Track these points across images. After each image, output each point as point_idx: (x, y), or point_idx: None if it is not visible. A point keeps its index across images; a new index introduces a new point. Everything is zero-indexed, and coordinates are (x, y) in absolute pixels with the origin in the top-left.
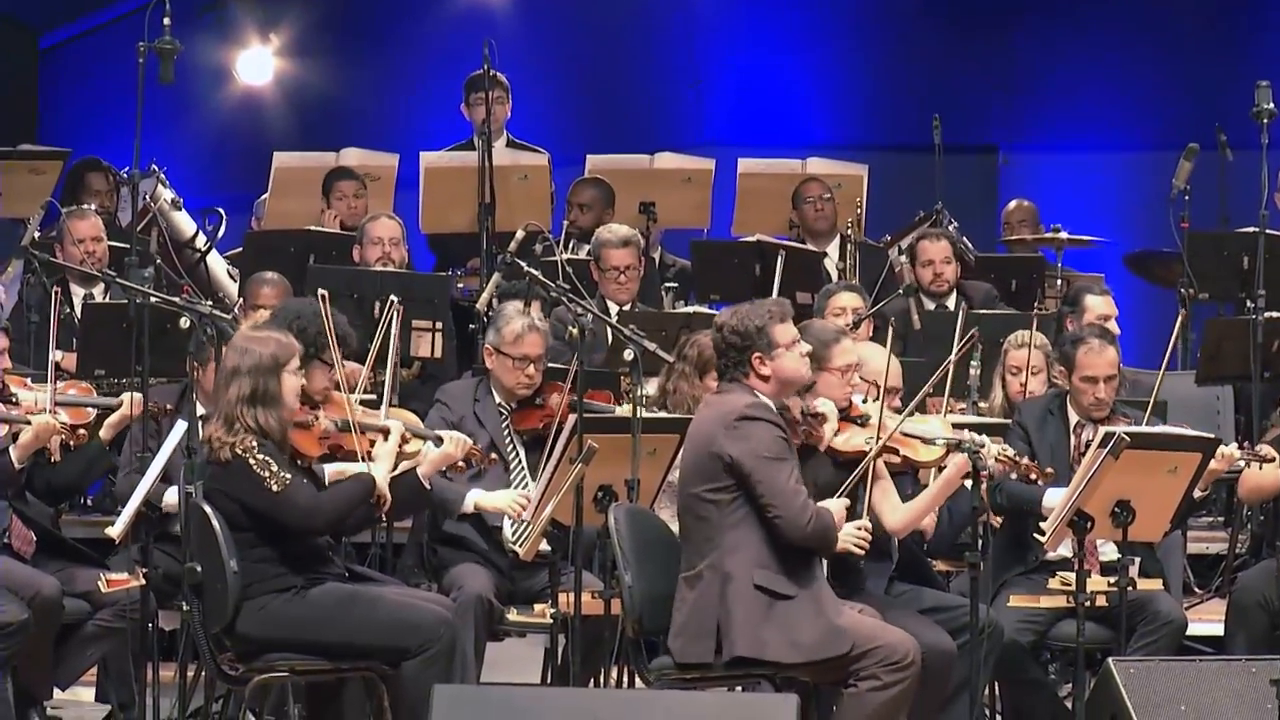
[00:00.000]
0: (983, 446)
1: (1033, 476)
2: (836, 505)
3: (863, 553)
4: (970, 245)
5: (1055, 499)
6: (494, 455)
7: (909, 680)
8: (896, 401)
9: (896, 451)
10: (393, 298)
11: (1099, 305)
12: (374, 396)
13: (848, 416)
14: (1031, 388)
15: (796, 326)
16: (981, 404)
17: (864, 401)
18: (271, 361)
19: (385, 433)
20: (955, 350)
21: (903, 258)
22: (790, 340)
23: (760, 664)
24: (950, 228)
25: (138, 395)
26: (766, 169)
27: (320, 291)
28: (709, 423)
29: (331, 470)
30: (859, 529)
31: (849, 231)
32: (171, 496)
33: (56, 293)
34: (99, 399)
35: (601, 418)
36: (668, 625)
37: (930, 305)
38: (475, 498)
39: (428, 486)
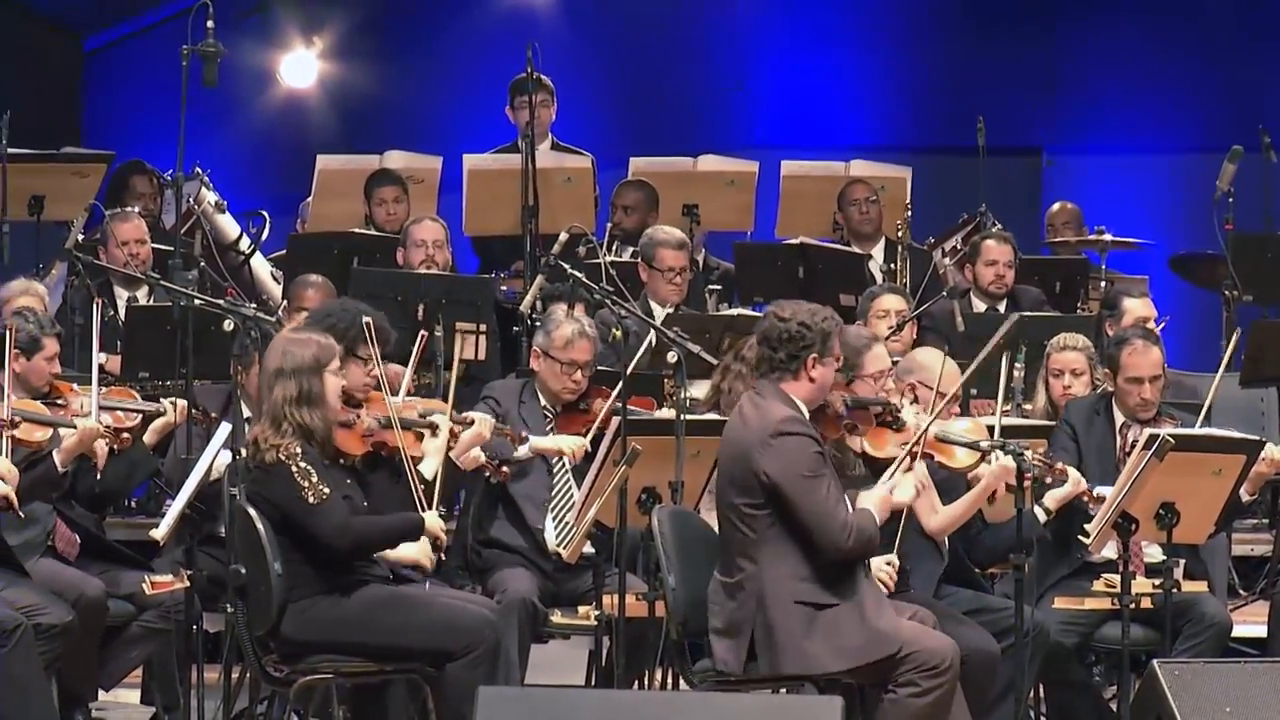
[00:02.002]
0: (1027, 450)
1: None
2: (874, 499)
3: (888, 591)
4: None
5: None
6: (524, 434)
7: (947, 686)
8: (956, 408)
9: (931, 457)
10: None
11: (1138, 308)
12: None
13: (883, 421)
14: (1076, 390)
15: None
16: (1025, 405)
17: (903, 405)
18: (314, 362)
19: (433, 428)
20: (992, 341)
21: (947, 260)
22: (839, 355)
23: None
24: (994, 230)
25: (182, 401)
26: (810, 171)
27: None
28: (746, 434)
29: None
30: (888, 564)
31: (900, 234)
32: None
33: (94, 295)
34: (144, 404)
35: (646, 420)
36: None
37: (982, 307)
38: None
39: (462, 468)
